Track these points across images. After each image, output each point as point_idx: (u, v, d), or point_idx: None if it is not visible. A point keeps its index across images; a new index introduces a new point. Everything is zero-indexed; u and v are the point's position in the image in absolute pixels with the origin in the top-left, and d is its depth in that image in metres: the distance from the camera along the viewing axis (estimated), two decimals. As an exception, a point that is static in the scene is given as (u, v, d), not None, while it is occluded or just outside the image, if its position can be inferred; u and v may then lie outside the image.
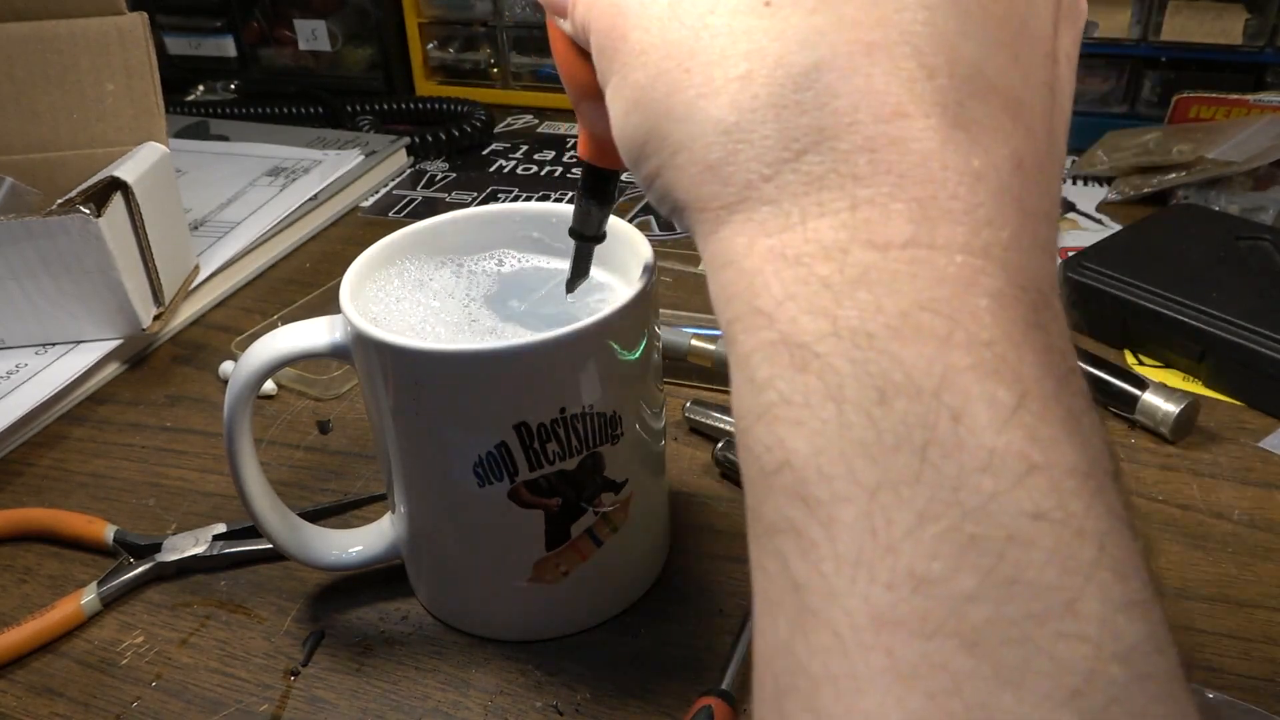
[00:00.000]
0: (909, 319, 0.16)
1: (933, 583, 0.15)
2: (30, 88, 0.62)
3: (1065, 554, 0.15)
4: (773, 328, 0.17)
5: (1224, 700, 0.35)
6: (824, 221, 0.17)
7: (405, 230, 0.41)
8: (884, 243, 0.17)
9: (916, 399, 0.16)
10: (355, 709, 0.38)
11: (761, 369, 0.17)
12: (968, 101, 0.18)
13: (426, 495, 0.38)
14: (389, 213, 0.79)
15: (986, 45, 0.18)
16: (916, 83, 0.18)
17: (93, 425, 0.55)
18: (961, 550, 0.15)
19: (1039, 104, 0.19)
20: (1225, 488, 0.46)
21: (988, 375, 0.16)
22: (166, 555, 0.44)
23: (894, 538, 0.15)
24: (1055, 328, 0.18)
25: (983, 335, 0.16)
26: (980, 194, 0.17)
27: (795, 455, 0.16)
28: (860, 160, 0.17)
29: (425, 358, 0.34)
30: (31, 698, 0.39)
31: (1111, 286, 0.56)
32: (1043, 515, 0.15)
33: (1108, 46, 0.78)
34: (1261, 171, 0.68)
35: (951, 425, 0.15)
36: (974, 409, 0.16)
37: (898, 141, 0.17)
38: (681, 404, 0.52)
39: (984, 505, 0.15)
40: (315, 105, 0.93)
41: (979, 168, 0.17)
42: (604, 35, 0.22)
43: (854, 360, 0.16)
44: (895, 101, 0.17)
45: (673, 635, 0.40)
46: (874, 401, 0.16)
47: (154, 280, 0.59)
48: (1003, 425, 0.15)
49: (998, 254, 0.17)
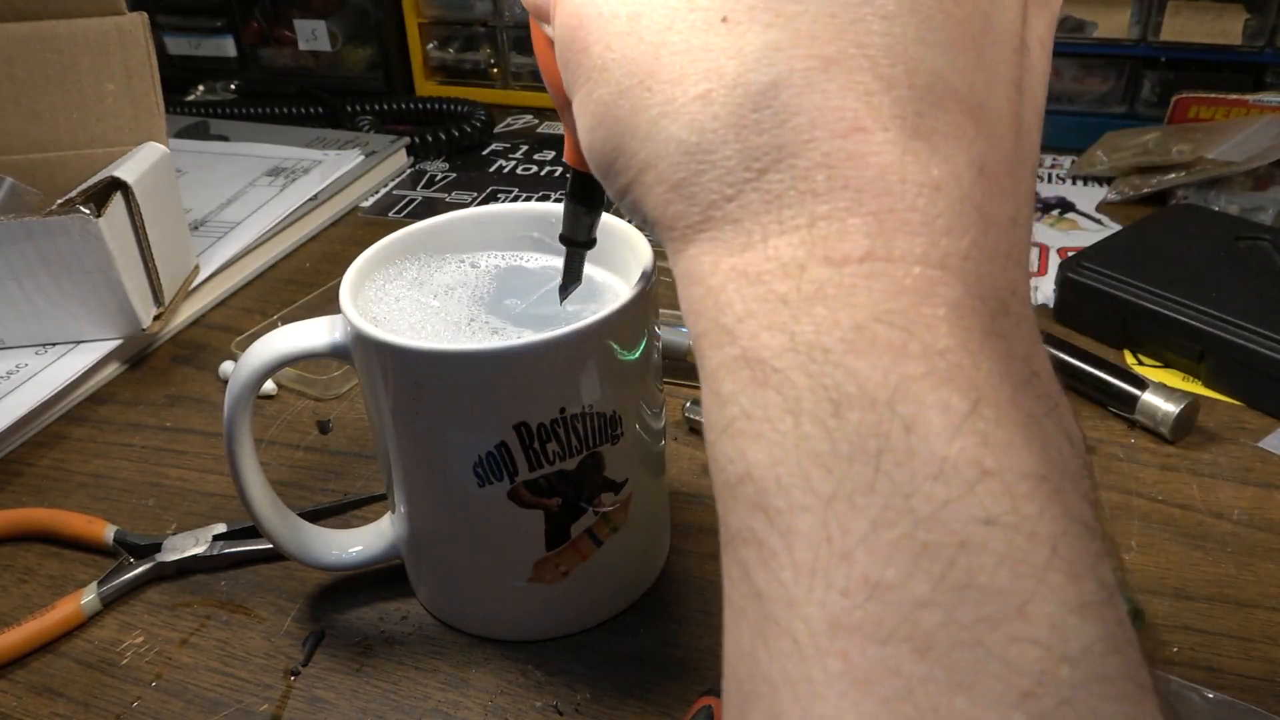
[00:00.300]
0: (864, 332, 0.17)
1: (887, 589, 0.15)
2: (30, 88, 0.62)
3: (1017, 558, 0.15)
4: (735, 344, 0.18)
5: (1224, 700, 0.35)
6: (784, 239, 0.18)
7: (405, 230, 0.41)
8: (841, 258, 0.17)
9: (870, 409, 0.16)
10: (355, 709, 0.38)
11: (725, 384, 0.18)
12: (927, 111, 0.18)
13: (426, 495, 0.38)
14: (389, 213, 0.79)
15: (947, 50, 0.18)
16: (874, 95, 0.18)
17: (93, 425, 0.55)
18: (915, 557, 0.15)
19: (1004, 104, 0.19)
20: (1225, 487, 0.46)
21: (941, 383, 0.16)
22: (166, 555, 0.44)
23: (849, 545, 0.16)
24: (1017, 334, 0.18)
25: (938, 344, 0.16)
26: (939, 204, 0.17)
27: (756, 467, 0.17)
28: (818, 177, 0.18)
29: (425, 358, 0.34)
30: (31, 698, 0.39)
31: (1111, 286, 0.56)
32: (994, 520, 0.15)
33: (1107, 46, 0.78)
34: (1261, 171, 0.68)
35: (904, 434, 0.16)
36: (927, 417, 0.16)
37: (855, 156, 0.17)
38: (681, 404, 0.52)
39: (936, 512, 0.15)
40: (315, 105, 0.93)
41: (938, 177, 0.18)
42: (567, 47, 0.22)
43: (810, 374, 0.17)
44: (852, 116, 0.18)
45: (673, 635, 0.40)
46: (829, 413, 0.16)
47: (154, 280, 0.59)
48: (955, 432, 0.16)
49: (955, 264, 0.17)
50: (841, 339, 0.17)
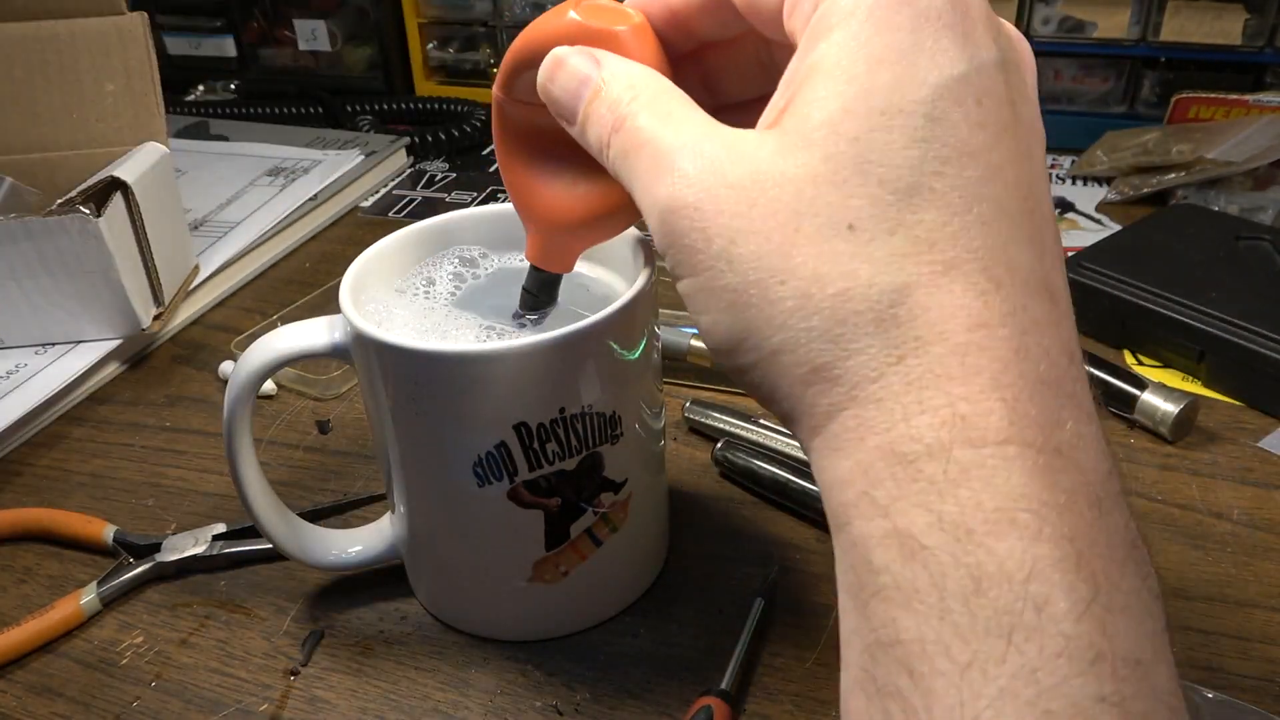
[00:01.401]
0: (1004, 514, 0.19)
1: None
2: (30, 88, 0.62)
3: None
4: (887, 519, 0.20)
5: (1224, 700, 0.35)
6: (924, 419, 0.20)
7: (405, 230, 0.41)
8: (980, 440, 0.20)
9: (1008, 587, 0.19)
10: (355, 709, 0.38)
11: (877, 555, 0.20)
12: (1029, 304, 0.21)
13: (426, 495, 0.38)
14: (389, 213, 0.79)
15: (1027, 245, 0.22)
16: (988, 295, 0.21)
17: (92, 425, 0.55)
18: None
19: (1060, 280, 0.23)
20: (1224, 488, 0.46)
21: (1070, 569, 0.19)
22: (166, 555, 0.44)
23: (979, 709, 0.18)
24: (1117, 509, 0.21)
25: (1065, 530, 0.19)
26: (1048, 397, 0.20)
27: (905, 633, 0.19)
28: (953, 363, 0.20)
29: (425, 358, 0.34)
30: (31, 698, 0.39)
31: (1111, 286, 0.56)
32: (1104, 698, 0.18)
33: (1107, 46, 0.78)
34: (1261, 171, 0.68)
35: (1035, 614, 0.18)
36: (1056, 599, 0.18)
37: (983, 349, 0.20)
38: (681, 404, 0.52)
39: (1059, 685, 0.18)
40: (315, 105, 0.93)
41: (1045, 372, 0.21)
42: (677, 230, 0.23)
43: (954, 553, 0.19)
44: (977, 314, 0.21)
45: (673, 635, 0.40)
46: (971, 590, 0.19)
47: (154, 280, 0.59)
48: (1080, 616, 0.18)
49: (1067, 451, 0.20)
50: (985, 520, 0.19)
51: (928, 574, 0.19)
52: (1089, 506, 0.20)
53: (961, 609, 0.19)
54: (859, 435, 0.21)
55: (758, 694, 0.37)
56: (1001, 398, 0.20)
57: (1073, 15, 0.78)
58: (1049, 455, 0.20)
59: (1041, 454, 0.20)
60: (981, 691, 0.18)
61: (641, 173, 0.25)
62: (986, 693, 0.18)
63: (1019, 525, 0.19)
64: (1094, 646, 0.18)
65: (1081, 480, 0.20)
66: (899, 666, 0.19)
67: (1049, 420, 0.20)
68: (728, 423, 0.50)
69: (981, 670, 0.18)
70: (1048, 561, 0.19)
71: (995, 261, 0.21)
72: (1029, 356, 0.21)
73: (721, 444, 0.48)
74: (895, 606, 0.20)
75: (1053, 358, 0.21)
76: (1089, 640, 0.18)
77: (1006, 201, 0.22)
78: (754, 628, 0.39)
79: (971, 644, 0.19)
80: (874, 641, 0.20)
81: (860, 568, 0.21)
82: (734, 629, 0.39)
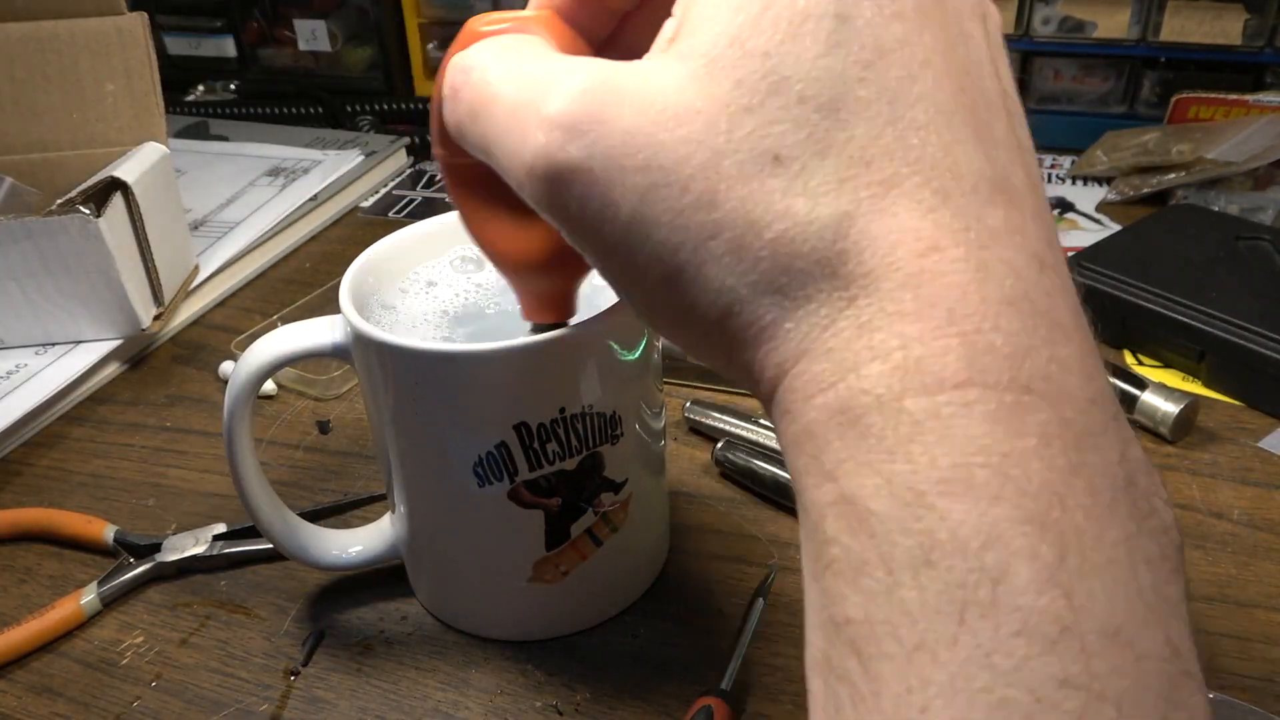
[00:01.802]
0: (960, 471, 0.17)
1: None
2: (30, 88, 0.62)
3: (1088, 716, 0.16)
4: (835, 483, 0.18)
5: (1224, 700, 0.35)
6: (874, 366, 0.18)
7: (405, 230, 0.41)
8: (935, 384, 0.17)
9: (961, 557, 0.16)
10: (355, 709, 0.38)
11: (828, 524, 0.18)
12: (983, 212, 0.18)
13: (426, 495, 0.38)
14: (389, 213, 0.79)
15: (972, 142, 0.19)
16: (936, 211, 0.18)
17: (92, 425, 0.55)
18: (990, 712, 0.16)
19: (1022, 173, 0.20)
20: (1224, 488, 0.46)
21: (1033, 531, 0.16)
22: (166, 555, 0.44)
23: (928, 698, 0.16)
24: (1106, 439, 0.18)
25: (1030, 484, 0.17)
26: (1016, 321, 0.18)
27: (854, 611, 0.17)
28: (906, 298, 0.18)
29: (425, 358, 0.34)
30: (31, 698, 0.39)
31: (1111, 286, 0.56)
32: (1069, 681, 0.16)
33: (1107, 46, 0.78)
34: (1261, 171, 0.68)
35: (991, 587, 0.16)
36: (1015, 568, 0.16)
37: (938, 275, 0.18)
38: (681, 404, 0.52)
39: (1016, 669, 0.16)
40: (315, 105, 0.93)
41: (1010, 291, 0.18)
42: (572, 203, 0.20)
43: (903, 520, 0.17)
44: (927, 235, 0.18)
45: (673, 635, 0.40)
46: (920, 563, 0.17)
47: (154, 280, 0.59)
48: (1043, 586, 0.16)
49: (1040, 385, 0.17)
50: (938, 480, 0.17)
51: (875, 545, 0.17)
52: (1064, 450, 0.17)
53: (911, 584, 0.17)
54: (806, 394, 0.19)
55: (758, 694, 0.37)
56: (960, 331, 0.17)
57: (1073, 15, 0.78)
58: (1016, 393, 0.17)
59: (1007, 392, 0.17)
60: (930, 678, 0.16)
61: (499, 132, 0.21)
62: (936, 679, 0.16)
63: (976, 484, 0.17)
64: (1059, 621, 0.16)
65: (1055, 418, 0.17)
66: (849, 648, 0.17)
67: (1017, 350, 0.17)
68: (728, 423, 0.50)
69: (931, 654, 0.16)
70: (1007, 524, 0.16)
71: (938, 171, 0.18)
72: (990, 276, 0.18)
73: (721, 444, 0.48)
74: (844, 582, 0.18)
75: (1019, 272, 0.18)
76: (1054, 614, 0.16)
77: (940, 99, 0.19)
78: (754, 628, 0.38)
79: (920, 624, 0.16)
80: (828, 619, 0.18)
81: (814, 539, 0.19)
82: (734, 629, 0.39)
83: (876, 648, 0.17)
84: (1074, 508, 0.17)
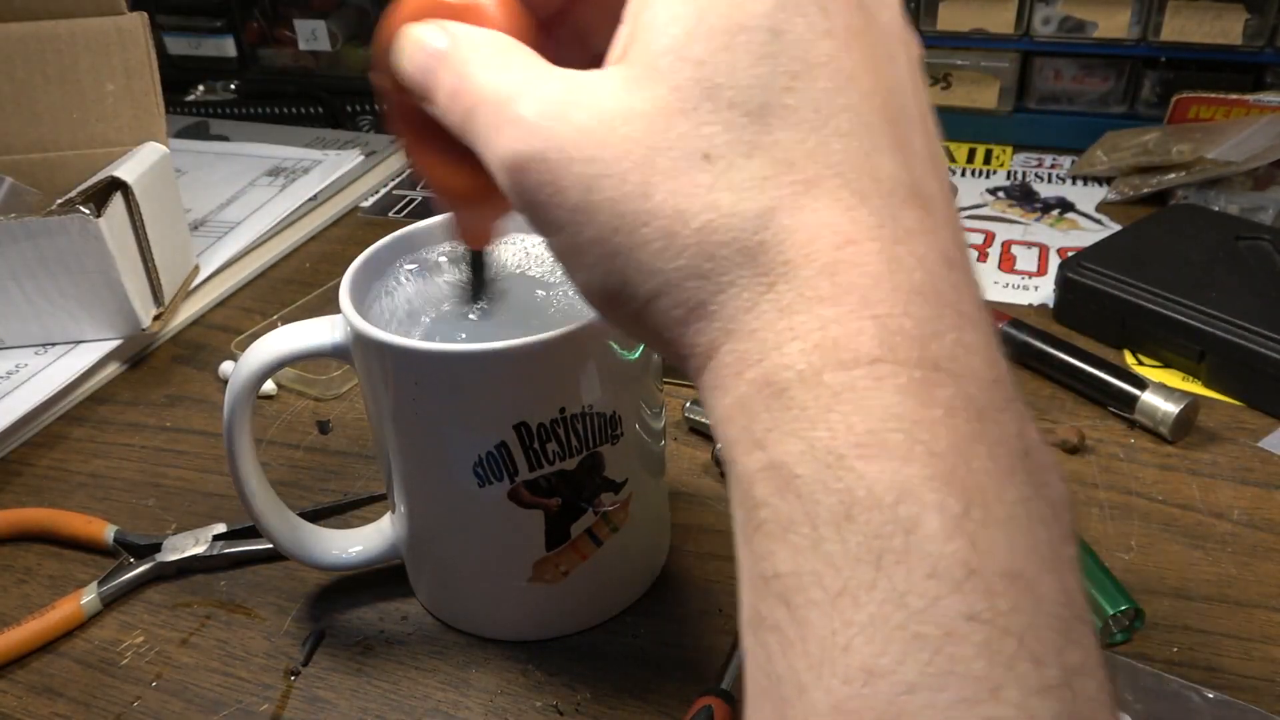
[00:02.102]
0: (875, 436, 0.19)
1: (880, 675, 0.17)
2: (30, 88, 0.62)
3: (992, 649, 0.17)
4: (764, 451, 0.20)
5: (1224, 700, 0.35)
6: (795, 345, 0.20)
7: (405, 230, 0.41)
8: (852, 360, 0.19)
9: (877, 510, 0.18)
10: (355, 709, 0.38)
11: (757, 489, 0.20)
12: (898, 213, 0.20)
13: (426, 495, 0.38)
14: (389, 213, 0.79)
15: (891, 151, 0.21)
16: (854, 209, 0.20)
17: (92, 425, 0.55)
18: (905, 646, 0.17)
19: (936, 184, 0.22)
20: (1224, 488, 0.46)
21: (941, 485, 0.18)
22: (166, 555, 0.44)
23: (850, 637, 0.18)
24: (1007, 414, 0.20)
25: (938, 446, 0.18)
26: (925, 308, 0.20)
27: (782, 565, 0.19)
28: (823, 284, 0.20)
29: (425, 358, 0.34)
30: (31, 698, 0.39)
31: (1111, 286, 0.56)
32: (975, 616, 0.17)
33: (1107, 46, 0.78)
34: (1261, 171, 0.68)
35: (904, 536, 0.18)
36: (926, 519, 0.18)
37: (853, 265, 0.20)
38: (681, 404, 0.52)
39: (928, 607, 0.17)
40: (315, 105, 0.93)
41: (920, 282, 0.20)
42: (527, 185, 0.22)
43: (825, 480, 0.19)
44: (844, 230, 0.20)
45: (673, 635, 0.40)
46: (842, 518, 0.18)
47: (154, 280, 0.59)
48: (950, 534, 0.18)
49: (946, 364, 0.19)
50: (855, 444, 0.19)
51: (801, 504, 0.19)
52: (968, 420, 0.19)
53: (834, 537, 0.18)
54: (736, 370, 0.21)
55: (758, 694, 0.37)
56: (873, 314, 0.19)
57: (1073, 15, 0.78)
58: (925, 370, 0.19)
59: (917, 368, 0.19)
60: (852, 619, 0.18)
61: (481, 128, 0.23)
62: (857, 619, 0.18)
63: (889, 446, 0.18)
64: (965, 564, 0.18)
65: (960, 393, 0.19)
66: (777, 600, 0.19)
67: (925, 333, 0.19)
68: (728, 423, 0.50)
69: (853, 598, 0.18)
70: (917, 479, 0.18)
71: (858, 174, 0.20)
72: (902, 268, 0.20)
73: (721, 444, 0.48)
74: (773, 540, 0.19)
75: (928, 266, 0.20)
76: (960, 558, 0.18)
77: (864, 111, 0.21)
78: (754, 628, 0.38)
79: (843, 572, 0.18)
80: (757, 576, 0.20)
81: (745, 503, 0.20)
82: (734, 629, 0.39)
83: (804, 596, 0.19)
84: (977, 470, 0.19)
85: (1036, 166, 0.80)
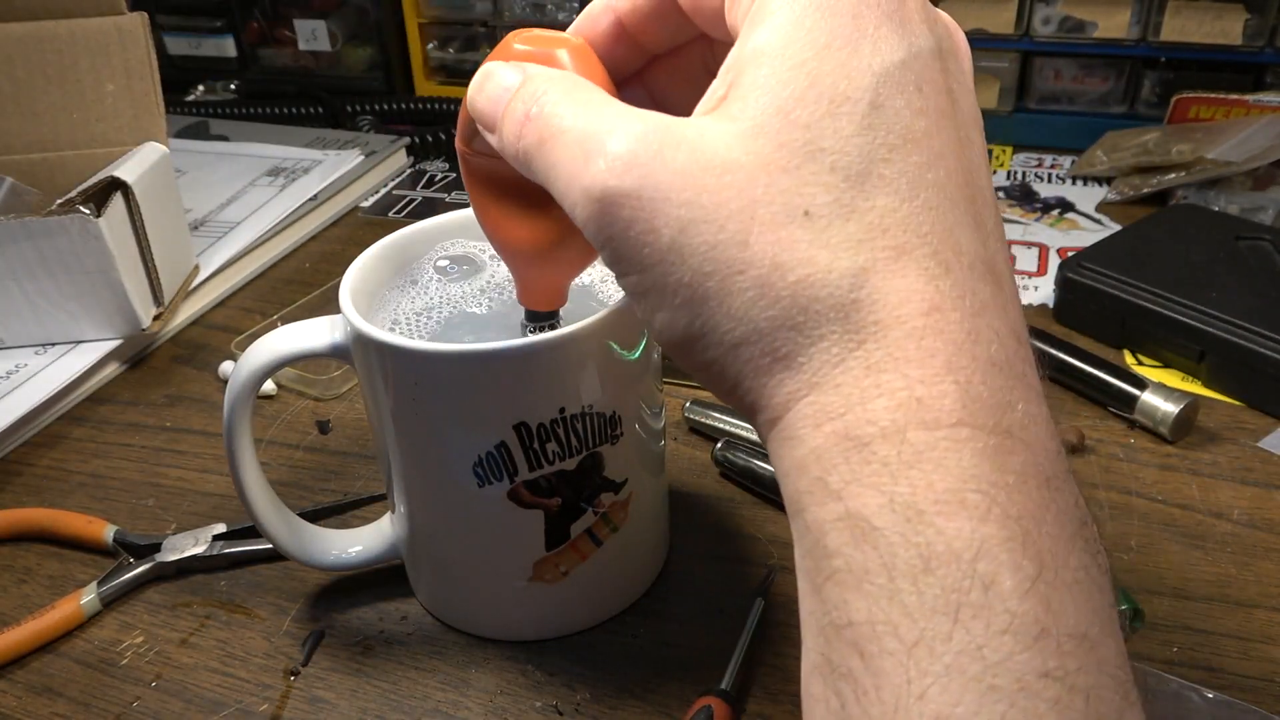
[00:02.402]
0: (955, 495, 0.19)
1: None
2: (30, 88, 0.62)
3: (1062, 705, 0.18)
4: (840, 503, 0.20)
5: (1224, 700, 0.35)
6: (881, 402, 0.20)
7: (405, 230, 0.41)
8: (934, 422, 0.20)
9: (956, 565, 0.19)
10: (355, 709, 0.38)
11: (830, 538, 0.20)
12: (976, 287, 0.21)
13: (426, 495, 0.38)
14: (389, 213, 0.79)
15: (970, 228, 0.22)
16: (939, 279, 0.21)
17: (92, 425, 0.55)
18: (981, 697, 0.18)
19: (1003, 260, 0.23)
20: (1224, 488, 0.46)
21: (1016, 548, 0.19)
22: (166, 555, 0.44)
23: (925, 686, 0.18)
24: (1067, 486, 0.21)
25: (1013, 510, 0.19)
26: (999, 379, 0.21)
27: (856, 614, 0.20)
28: (910, 347, 0.21)
29: (425, 358, 0.34)
30: (31, 698, 0.39)
31: (1111, 286, 0.56)
32: (1048, 673, 0.18)
33: (1107, 47, 0.78)
34: (1261, 171, 0.68)
35: (982, 592, 0.19)
36: (1003, 577, 0.19)
37: (938, 332, 0.21)
38: (681, 404, 0.52)
39: (1004, 661, 0.18)
40: (315, 105, 0.93)
41: (995, 353, 0.21)
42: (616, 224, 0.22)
43: (905, 533, 0.19)
44: (930, 298, 0.21)
45: (673, 635, 0.40)
46: (920, 570, 0.19)
47: (154, 280, 0.59)
48: (1025, 593, 0.19)
49: (1018, 432, 0.20)
50: (935, 501, 0.19)
51: (878, 555, 0.20)
52: (1038, 486, 0.20)
53: (910, 589, 0.19)
54: (816, 422, 0.21)
55: (758, 694, 0.37)
56: (955, 380, 0.20)
57: (1073, 15, 0.78)
58: (1000, 436, 0.20)
59: (993, 435, 0.20)
60: (928, 669, 0.18)
61: (561, 161, 0.24)
62: (933, 670, 0.18)
63: (968, 506, 0.19)
64: (1039, 622, 0.19)
65: (1031, 460, 0.20)
66: (851, 648, 0.20)
67: (1000, 402, 0.20)
68: (728, 423, 0.50)
69: (929, 648, 0.19)
70: (995, 540, 0.19)
71: (943, 246, 0.21)
72: (980, 339, 0.21)
73: (721, 444, 0.48)
74: (847, 589, 0.20)
75: (1002, 339, 0.21)
76: (1034, 617, 0.19)
77: (949, 187, 0.22)
78: (754, 628, 0.39)
79: (919, 623, 0.19)
80: (828, 624, 0.20)
81: (816, 552, 0.21)
82: (734, 629, 0.39)
83: (878, 645, 0.19)
84: (1046, 535, 0.20)
85: (1036, 166, 0.80)
